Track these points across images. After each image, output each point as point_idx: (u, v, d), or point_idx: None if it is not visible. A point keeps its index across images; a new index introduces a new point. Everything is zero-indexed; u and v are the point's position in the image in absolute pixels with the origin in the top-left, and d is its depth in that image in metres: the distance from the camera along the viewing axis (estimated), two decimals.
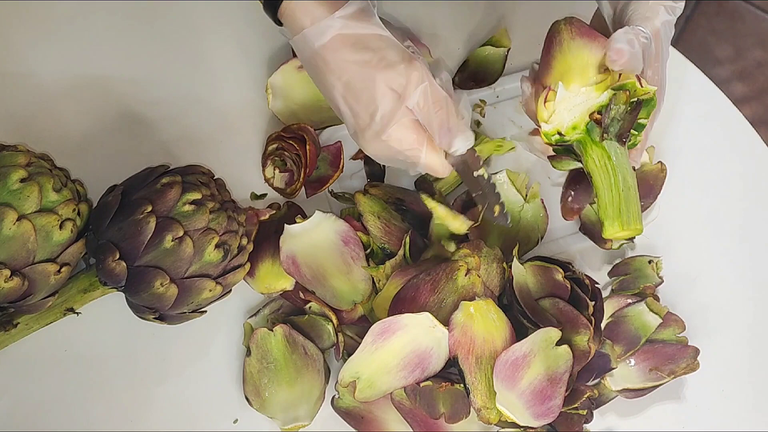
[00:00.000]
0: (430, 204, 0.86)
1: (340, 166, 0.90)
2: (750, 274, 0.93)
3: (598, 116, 0.76)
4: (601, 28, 0.80)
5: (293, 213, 0.89)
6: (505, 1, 0.96)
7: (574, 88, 0.76)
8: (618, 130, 0.76)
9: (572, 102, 0.76)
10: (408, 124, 0.77)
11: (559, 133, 0.77)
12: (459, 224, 0.86)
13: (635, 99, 0.75)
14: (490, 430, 0.83)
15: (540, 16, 0.81)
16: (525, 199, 0.91)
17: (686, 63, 0.98)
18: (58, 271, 0.77)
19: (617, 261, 0.92)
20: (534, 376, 0.79)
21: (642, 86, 0.75)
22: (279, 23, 0.80)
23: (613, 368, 0.84)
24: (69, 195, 0.78)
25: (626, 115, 0.76)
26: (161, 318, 0.82)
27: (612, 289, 0.91)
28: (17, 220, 0.74)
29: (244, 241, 0.83)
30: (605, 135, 0.76)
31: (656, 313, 0.86)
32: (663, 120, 0.96)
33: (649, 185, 0.92)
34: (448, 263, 0.82)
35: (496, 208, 0.84)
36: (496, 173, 0.90)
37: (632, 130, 0.77)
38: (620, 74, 0.75)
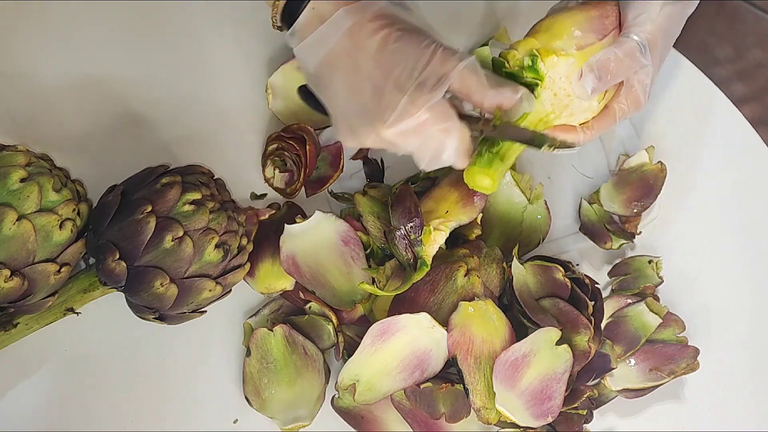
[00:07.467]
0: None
1: (340, 167, 0.90)
2: (750, 274, 0.93)
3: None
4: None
5: (293, 213, 0.89)
6: (505, 0, 0.96)
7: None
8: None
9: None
10: (443, 101, 0.74)
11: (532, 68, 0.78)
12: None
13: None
14: (490, 430, 0.83)
15: (540, 16, 0.81)
16: (528, 201, 0.91)
17: (686, 63, 0.98)
18: (58, 271, 0.77)
19: (617, 261, 0.92)
20: (534, 376, 0.79)
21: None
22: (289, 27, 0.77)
23: (613, 368, 0.84)
24: (69, 195, 0.78)
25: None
26: (161, 318, 0.82)
27: (612, 289, 0.91)
28: (17, 220, 0.74)
29: (244, 241, 0.83)
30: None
31: (656, 313, 0.86)
32: (663, 120, 0.97)
33: (649, 185, 0.92)
34: (448, 264, 0.82)
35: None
36: None
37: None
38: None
